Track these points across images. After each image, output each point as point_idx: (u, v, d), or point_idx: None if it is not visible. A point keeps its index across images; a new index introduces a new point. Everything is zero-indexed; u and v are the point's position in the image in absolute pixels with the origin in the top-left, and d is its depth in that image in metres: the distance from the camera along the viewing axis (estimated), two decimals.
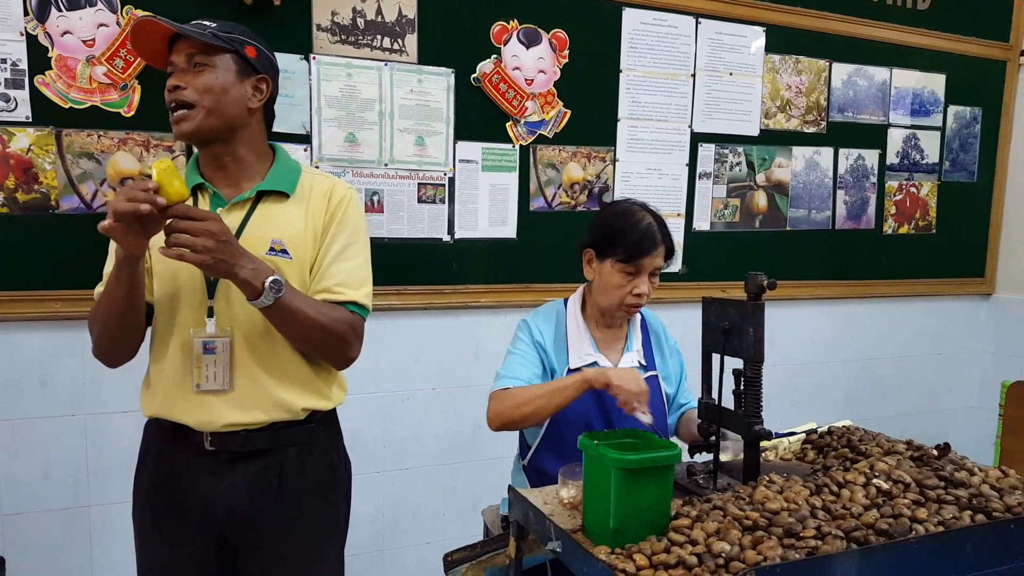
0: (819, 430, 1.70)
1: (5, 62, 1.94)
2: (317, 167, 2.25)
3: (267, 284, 1.33)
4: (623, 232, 1.68)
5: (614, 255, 1.68)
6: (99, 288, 1.46)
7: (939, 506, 1.22)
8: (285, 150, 1.57)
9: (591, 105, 2.60)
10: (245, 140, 1.48)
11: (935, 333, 3.40)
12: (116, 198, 1.24)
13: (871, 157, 3.14)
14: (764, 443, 1.57)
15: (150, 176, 1.25)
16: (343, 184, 1.56)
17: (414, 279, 2.40)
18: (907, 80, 3.16)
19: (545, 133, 2.54)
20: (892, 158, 3.19)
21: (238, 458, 1.45)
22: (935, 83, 3.23)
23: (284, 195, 1.49)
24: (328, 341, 1.45)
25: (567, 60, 2.54)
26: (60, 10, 1.97)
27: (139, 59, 2.04)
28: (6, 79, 1.94)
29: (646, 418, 1.49)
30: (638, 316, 1.83)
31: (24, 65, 1.96)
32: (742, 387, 1.44)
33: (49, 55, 1.98)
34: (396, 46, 2.31)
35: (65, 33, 1.98)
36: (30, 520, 2.07)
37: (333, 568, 1.59)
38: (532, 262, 2.55)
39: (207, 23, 1.42)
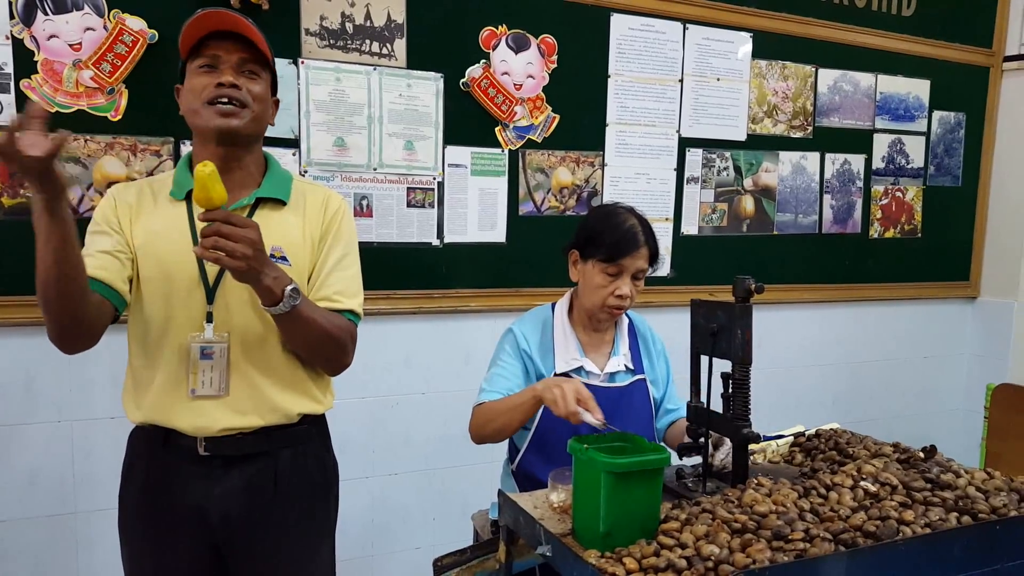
0: (807, 433, 1.71)
1: None
2: (306, 171, 2.25)
3: (287, 292, 1.34)
4: (604, 232, 1.69)
5: (596, 255, 1.69)
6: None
7: (926, 508, 1.23)
8: (276, 158, 1.58)
9: (580, 110, 2.61)
10: (254, 149, 1.51)
11: (921, 336, 3.43)
12: None
13: (857, 162, 3.17)
14: (752, 446, 1.58)
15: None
16: (336, 195, 1.58)
17: (404, 283, 2.40)
18: (892, 85, 3.20)
19: (534, 138, 2.55)
20: (878, 163, 3.22)
21: (233, 462, 1.45)
22: (920, 88, 3.27)
23: (281, 203, 1.50)
24: (331, 348, 1.48)
25: (556, 65, 2.55)
26: (46, 13, 1.96)
27: (126, 63, 2.03)
28: None
29: (595, 421, 1.47)
30: (625, 319, 1.83)
31: (10, 69, 1.94)
32: (730, 390, 1.44)
33: (35, 59, 1.96)
34: (385, 51, 2.32)
35: (51, 37, 1.97)
36: (15, 527, 2.04)
37: (326, 567, 1.61)
38: (521, 266, 2.55)
39: (243, 16, 1.44)
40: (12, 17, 1.93)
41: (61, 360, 2.02)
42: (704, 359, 1.52)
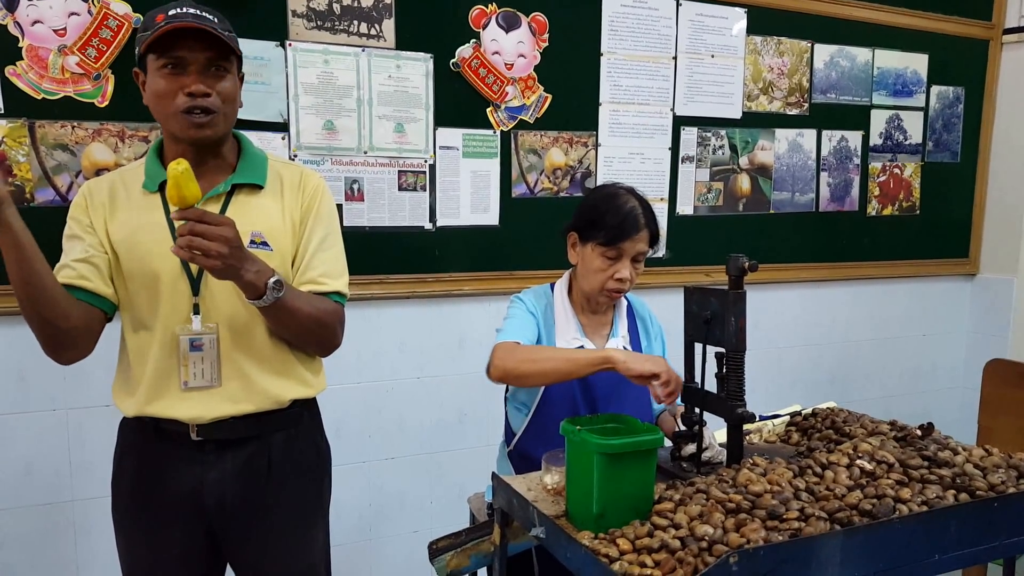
0: (803, 412, 1.71)
1: None
2: (295, 155, 2.22)
3: (270, 285, 1.33)
4: (605, 215, 1.67)
5: (595, 238, 1.67)
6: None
7: (923, 486, 1.22)
8: (248, 138, 1.55)
9: (572, 89, 2.57)
10: (227, 138, 1.48)
11: (919, 314, 3.42)
12: None
13: (854, 139, 3.14)
14: (748, 426, 1.57)
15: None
16: (312, 173, 1.55)
17: (396, 268, 2.38)
18: (889, 60, 3.16)
19: (526, 118, 2.52)
20: (875, 139, 3.19)
21: (226, 446, 1.45)
22: (918, 63, 3.23)
23: (258, 187, 1.48)
24: (319, 333, 1.47)
25: (547, 44, 2.51)
26: None
27: (112, 48, 2.00)
28: None
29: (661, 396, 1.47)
30: (624, 301, 1.82)
31: None
32: (724, 370, 1.43)
33: (20, 45, 1.93)
34: (373, 31, 2.28)
35: (36, 22, 1.94)
36: (13, 516, 2.05)
37: (321, 550, 1.61)
38: (515, 249, 2.53)
39: (208, 15, 1.37)
40: None
41: None
42: (698, 346, 1.50)
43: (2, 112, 1.93)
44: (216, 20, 1.37)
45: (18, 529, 2.05)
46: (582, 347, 1.72)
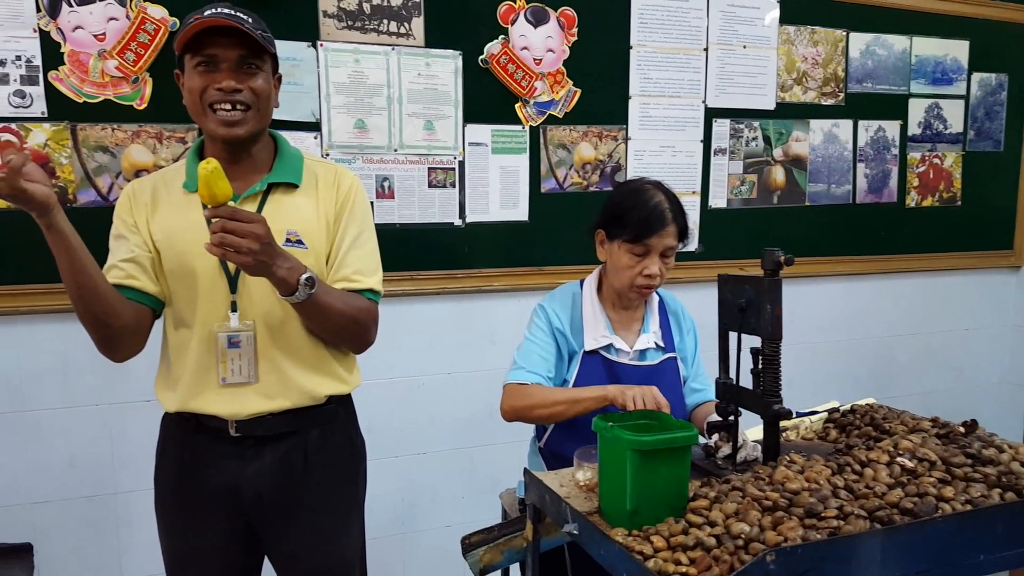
0: (841, 408, 1.67)
1: (20, 59, 1.95)
2: (327, 154, 2.24)
3: (301, 281, 1.34)
4: (631, 211, 1.66)
5: (622, 235, 1.66)
6: None
7: (966, 484, 1.19)
8: (284, 138, 1.57)
9: (601, 83, 2.56)
10: (263, 137, 1.50)
11: (961, 308, 3.33)
12: None
13: (892, 128, 3.07)
14: (785, 423, 1.54)
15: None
16: (347, 172, 1.57)
17: (427, 264, 2.40)
18: (928, 48, 3.07)
19: (555, 113, 2.51)
20: (914, 129, 3.11)
21: (264, 442, 1.48)
22: (958, 50, 3.14)
23: (293, 186, 1.49)
24: (353, 330, 1.49)
25: (576, 38, 2.50)
26: (71, 5, 1.98)
27: (149, 52, 2.04)
28: (21, 76, 1.96)
29: None
30: (655, 296, 1.80)
31: (38, 61, 1.97)
32: (760, 365, 1.41)
33: (62, 50, 1.98)
34: (403, 30, 2.29)
35: (76, 28, 1.99)
36: (56, 508, 2.10)
37: (356, 543, 1.63)
38: (545, 244, 2.53)
39: (241, 15, 1.39)
40: (39, 10, 1.95)
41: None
42: (733, 336, 1.48)
43: (46, 115, 1.99)
44: (250, 20, 1.39)
45: (63, 521, 2.11)
46: (610, 345, 1.72)
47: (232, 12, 1.38)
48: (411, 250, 2.36)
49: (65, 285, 1.32)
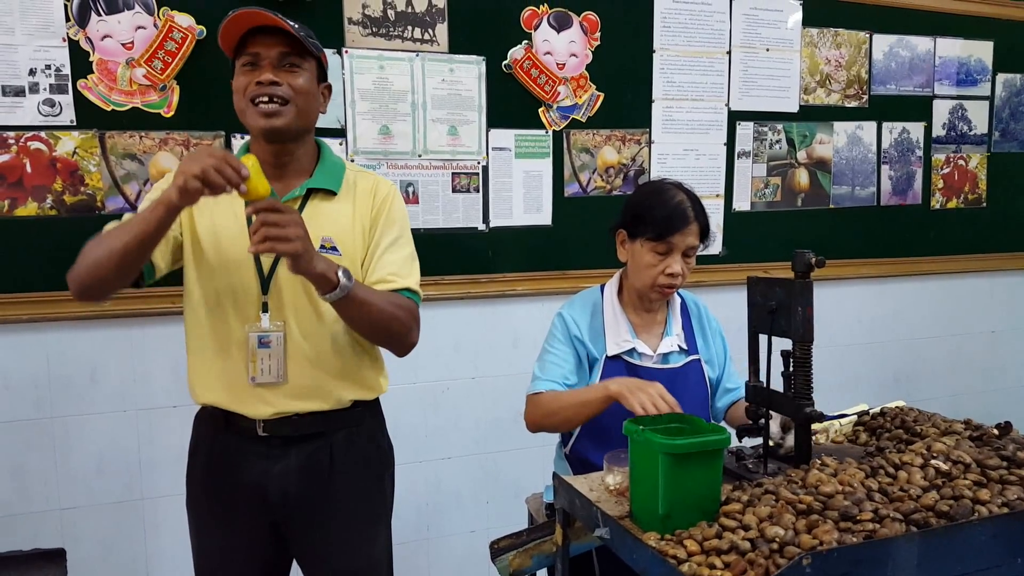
0: (871, 411, 1.66)
1: (49, 68, 1.98)
2: (353, 160, 2.26)
3: (340, 275, 1.34)
4: (652, 209, 1.65)
5: (644, 233, 1.65)
6: (109, 225, 1.42)
7: (1002, 487, 1.17)
8: (328, 146, 1.59)
9: (624, 87, 2.56)
10: (305, 141, 1.51)
11: (988, 310, 3.29)
12: (202, 161, 1.20)
13: (916, 130, 3.04)
14: (814, 426, 1.53)
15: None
16: (385, 181, 1.59)
17: (451, 269, 2.40)
18: (952, 49, 3.05)
19: (578, 117, 2.51)
20: (938, 130, 3.09)
21: (290, 442, 1.49)
22: (982, 51, 3.11)
23: (331, 193, 1.51)
24: (395, 328, 1.48)
25: (599, 42, 2.50)
26: (99, 14, 2.01)
27: (176, 60, 2.07)
28: (51, 84, 1.99)
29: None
30: (677, 299, 1.80)
31: (67, 70, 2.00)
32: (791, 368, 1.40)
33: (90, 59, 2.02)
34: (427, 36, 2.31)
35: (105, 37, 2.02)
36: (85, 513, 2.13)
37: (383, 546, 1.63)
38: (568, 248, 2.53)
39: (290, 20, 1.42)
40: (68, 19, 1.99)
41: (124, 352, 2.11)
42: (763, 338, 1.47)
43: (75, 124, 2.02)
44: (295, 25, 1.41)
45: (91, 526, 2.14)
46: (633, 349, 1.71)
47: (275, 12, 1.40)
48: (435, 255, 2.37)
49: (114, 245, 1.30)
